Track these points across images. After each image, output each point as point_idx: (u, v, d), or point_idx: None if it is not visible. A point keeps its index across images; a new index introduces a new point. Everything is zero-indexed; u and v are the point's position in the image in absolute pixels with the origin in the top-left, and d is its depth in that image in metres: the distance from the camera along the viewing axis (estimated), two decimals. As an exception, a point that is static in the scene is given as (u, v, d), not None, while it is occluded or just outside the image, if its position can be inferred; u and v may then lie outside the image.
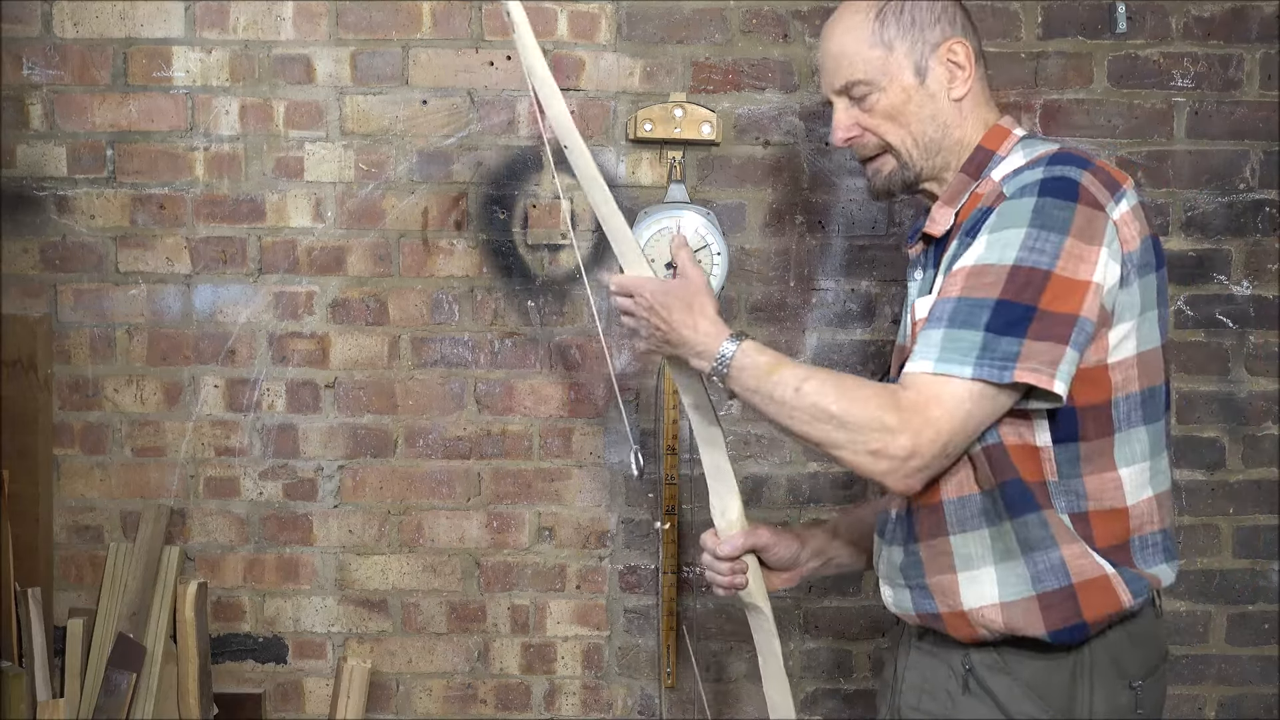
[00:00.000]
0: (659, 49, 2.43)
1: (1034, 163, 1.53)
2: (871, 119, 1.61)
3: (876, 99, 1.60)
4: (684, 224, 2.36)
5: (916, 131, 1.60)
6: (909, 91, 1.59)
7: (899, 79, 1.59)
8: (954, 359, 1.43)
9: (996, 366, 1.42)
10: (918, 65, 1.59)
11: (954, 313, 1.45)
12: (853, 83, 1.60)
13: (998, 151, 1.60)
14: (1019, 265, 1.44)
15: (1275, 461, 2.47)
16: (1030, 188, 1.48)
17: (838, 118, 1.64)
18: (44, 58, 2.44)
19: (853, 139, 1.63)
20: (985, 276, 1.45)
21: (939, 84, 1.59)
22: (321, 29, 2.44)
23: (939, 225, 1.61)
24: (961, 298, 1.46)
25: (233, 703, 2.50)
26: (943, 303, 1.48)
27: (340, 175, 2.46)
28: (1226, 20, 2.41)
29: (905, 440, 1.44)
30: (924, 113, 1.60)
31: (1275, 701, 2.50)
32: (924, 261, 1.67)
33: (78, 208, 2.47)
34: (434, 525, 2.52)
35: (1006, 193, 1.50)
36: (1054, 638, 1.51)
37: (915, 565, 1.59)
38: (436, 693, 2.54)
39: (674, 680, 2.50)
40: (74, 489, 2.51)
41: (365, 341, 2.49)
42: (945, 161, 1.62)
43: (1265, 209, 2.44)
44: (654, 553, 2.51)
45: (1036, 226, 1.45)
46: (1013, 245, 1.45)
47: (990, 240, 1.47)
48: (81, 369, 2.49)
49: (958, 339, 1.44)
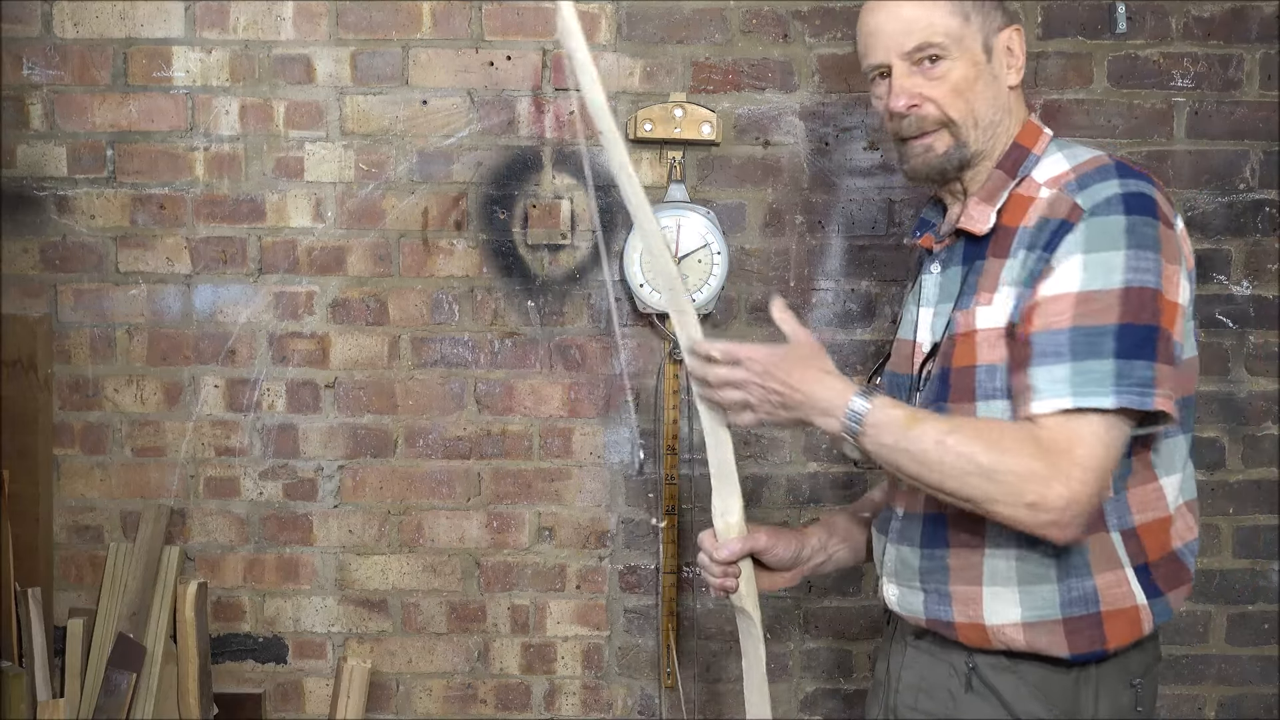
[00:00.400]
0: (659, 49, 2.43)
1: (1095, 172, 1.49)
2: (938, 89, 1.54)
3: (948, 68, 1.53)
4: (684, 224, 2.37)
5: (980, 110, 1.55)
6: (979, 67, 1.54)
7: (972, 51, 1.54)
8: (1092, 391, 1.39)
9: (1136, 393, 1.39)
10: (986, 43, 1.55)
11: (1073, 344, 1.41)
12: (929, 44, 1.53)
13: (1033, 150, 1.57)
14: (1130, 286, 1.40)
15: (1275, 461, 2.47)
16: (1113, 204, 1.44)
17: (899, 83, 1.55)
18: (44, 58, 2.44)
19: (914, 108, 1.55)
20: (1096, 303, 1.41)
21: (1000, 66, 1.56)
22: (321, 29, 2.44)
23: (979, 223, 1.55)
24: (1076, 328, 1.41)
25: (233, 703, 2.50)
26: (1051, 335, 1.42)
27: (340, 175, 2.46)
28: (1226, 20, 2.41)
29: (1060, 488, 1.38)
30: (988, 92, 1.55)
31: (1275, 701, 2.50)
32: (947, 257, 1.61)
33: (78, 208, 2.47)
34: (434, 525, 2.52)
35: (1083, 206, 1.45)
36: (1075, 659, 1.51)
37: (939, 571, 1.57)
38: (436, 693, 2.54)
39: (674, 680, 2.50)
40: (74, 489, 2.51)
41: (365, 341, 2.49)
42: (989, 149, 1.58)
43: (1265, 209, 2.44)
44: (654, 553, 2.51)
45: (1134, 246, 1.41)
46: (1117, 268, 1.41)
47: (1088, 262, 1.42)
48: (81, 369, 2.49)
49: (1088, 370, 1.40)
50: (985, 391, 1.50)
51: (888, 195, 2.44)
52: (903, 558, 1.62)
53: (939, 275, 1.62)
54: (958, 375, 1.53)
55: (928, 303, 1.63)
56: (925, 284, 1.64)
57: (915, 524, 1.60)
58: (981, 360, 1.50)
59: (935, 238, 1.65)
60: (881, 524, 1.69)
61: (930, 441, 1.42)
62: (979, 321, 1.51)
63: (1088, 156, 1.53)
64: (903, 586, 1.62)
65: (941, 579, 1.56)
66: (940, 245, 1.63)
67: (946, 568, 1.56)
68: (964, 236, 1.59)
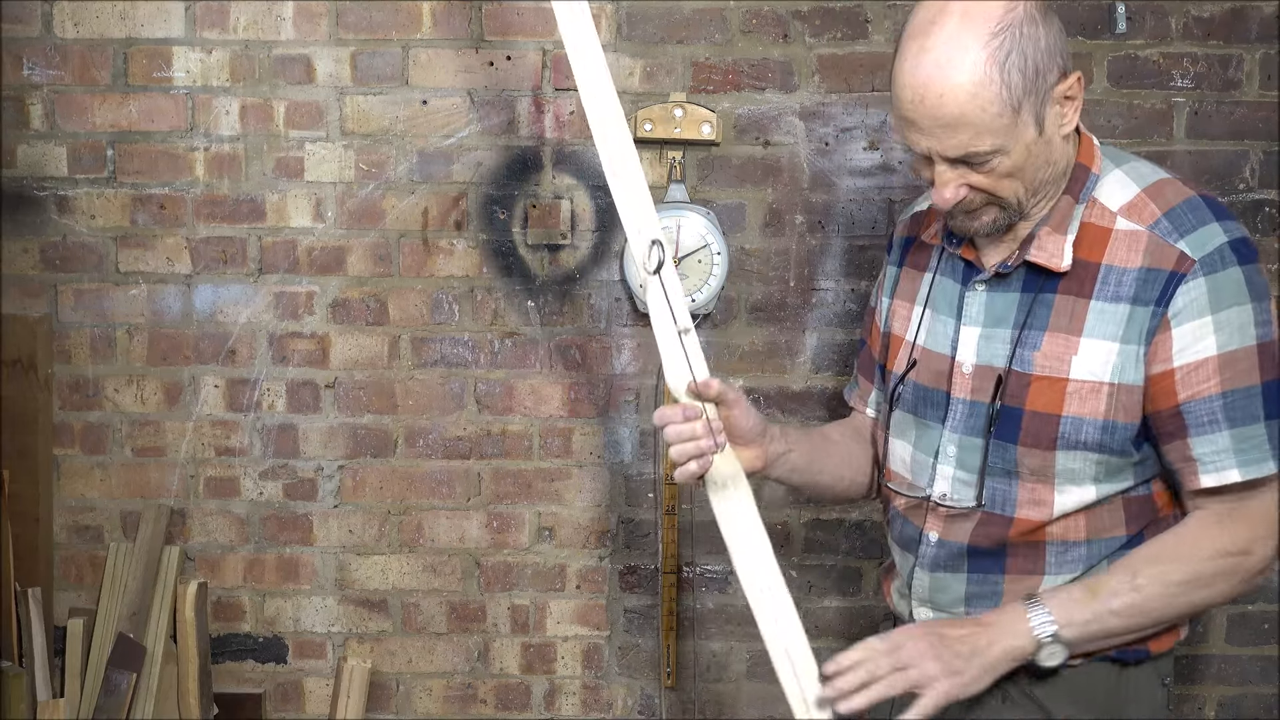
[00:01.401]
0: (659, 49, 2.43)
1: (1187, 212, 1.45)
2: (988, 179, 1.44)
3: (999, 162, 1.42)
4: (684, 224, 2.37)
5: (1029, 180, 1.46)
6: (1030, 147, 1.42)
7: (1023, 139, 1.41)
8: (1255, 459, 1.44)
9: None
10: (1038, 117, 1.41)
11: (1228, 411, 1.43)
12: (974, 154, 1.41)
13: (1092, 169, 1.51)
14: (1263, 342, 1.43)
15: (1275, 461, 2.47)
16: (1225, 256, 1.43)
17: (943, 179, 1.44)
18: (44, 58, 2.44)
19: (961, 201, 1.46)
20: (1239, 364, 1.43)
21: (1054, 126, 1.44)
22: (321, 29, 2.44)
23: (1055, 258, 1.48)
24: (1227, 392, 1.43)
25: (233, 703, 2.50)
26: (1204, 404, 1.44)
27: (340, 175, 2.46)
28: (1226, 20, 2.41)
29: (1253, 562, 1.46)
30: (1040, 161, 1.45)
31: (1275, 701, 2.50)
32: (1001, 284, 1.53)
33: (78, 208, 2.47)
34: (434, 525, 2.52)
35: (1193, 256, 1.43)
36: (1120, 655, 1.53)
37: (991, 596, 1.56)
38: (436, 693, 2.54)
39: (674, 680, 2.50)
40: (74, 489, 2.51)
41: (365, 341, 2.49)
42: (1049, 192, 1.49)
43: (1265, 209, 2.44)
44: (654, 553, 2.51)
45: (1256, 299, 1.44)
46: (1248, 324, 1.43)
47: (1218, 322, 1.43)
48: (81, 369, 2.49)
49: (1247, 436, 1.43)
50: (1068, 442, 1.48)
51: (888, 195, 2.44)
52: (942, 584, 1.59)
53: (986, 294, 1.54)
54: (1034, 420, 1.49)
55: (972, 322, 1.55)
56: (970, 301, 1.55)
57: (959, 553, 1.57)
58: (1069, 411, 1.47)
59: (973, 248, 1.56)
60: (907, 543, 1.64)
61: (1126, 597, 1.45)
62: (1073, 371, 1.47)
63: (1155, 179, 1.50)
64: (940, 612, 1.60)
65: (993, 604, 1.55)
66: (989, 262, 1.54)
67: (1000, 593, 1.55)
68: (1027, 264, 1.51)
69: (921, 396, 1.61)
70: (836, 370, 2.47)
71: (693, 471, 1.54)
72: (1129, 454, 1.49)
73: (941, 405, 1.58)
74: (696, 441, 1.54)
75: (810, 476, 1.73)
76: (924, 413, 1.60)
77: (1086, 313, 1.47)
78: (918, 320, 1.63)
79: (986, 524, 1.54)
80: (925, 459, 1.60)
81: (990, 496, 1.54)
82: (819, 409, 2.47)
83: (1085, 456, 1.48)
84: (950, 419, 1.56)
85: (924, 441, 1.61)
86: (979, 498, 1.54)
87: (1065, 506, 1.51)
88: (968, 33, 1.37)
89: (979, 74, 1.37)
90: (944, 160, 1.43)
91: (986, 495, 1.54)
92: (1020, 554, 1.54)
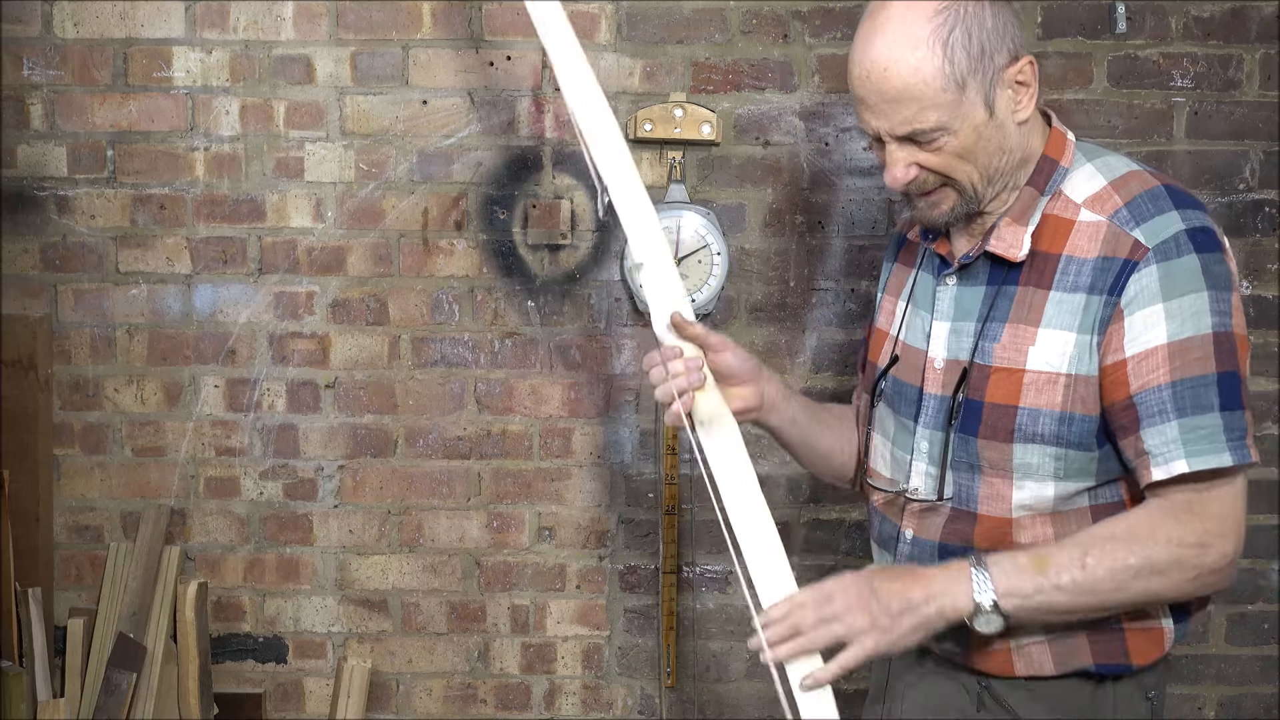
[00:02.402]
0: (659, 49, 2.43)
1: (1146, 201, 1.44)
2: (937, 159, 1.45)
3: (946, 141, 1.43)
4: (684, 224, 2.37)
5: (983, 165, 1.46)
6: (980, 129, 1.43)
7: (971, 118, 1.42)
8: (1206, 450, 1.39)
9: (1241, 446, 1.40)
10: (987, 98, 1.42)
11: (1177, 400, 1.39)
12: (919, 132, 1.43)
13: (1061, 162, 1.50)
14: (1217, 332, 1.39)
15: (1275, 461, 2.47)
16: (1181, 243, 1.40)
17: (893, 157, 1.46)
18: (44, 58, 2.44)
19: (911, 181, 1.47)
20: (1190, 353, 1.39)
21: (1006, 110, 1.45)
22: (321, 29, 2.44)
23: (1012, 248, 1.48)
24: (1176, 381, 1.39)
25: (233, 703, 2.50)
26: (1154, 393, 1.40)
27: (340, 175, 2.46)
28: (1226, 20, 2.41)
29: (1213, 554, 1.41)
30: (991, 145, 1.45)
31: (1275, 701, 2.50)
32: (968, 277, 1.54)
33: (78, 208, 2.47)
34: (434, 525, 2.52)
35: (1147, 244, 1.41)
36: (1100, 669, 1.50)
37: None
38: (436, 693, 2.54)
39: (674, 680, 2.50)
40: (74, 489, 2.51)
41: (365, 341, 2.49)
42: (1007, 182, 1.49)
43: (1265, 209, 2.44)
44: (654, 553, 2.51)
45: (1212, 288, 1.39)
46: (1203, 312, 1.39)
47: (1170, 310, 1.39)
48: (81, 369, 2.49)
49: (1196, 427, 1.39)
50: (1025, 435, 1.46)
51: (887, 195, 2.44)
52: None
53: (956, 288, 1.55)
54: (993, 412, 1.48)
55: (943, 316, 1.55)
56: (940, 296, 1.56)
57: (931, 551, 1.55)
58: (1026, 403, 1.46)
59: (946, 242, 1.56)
60: (885, 541, 1.64)
61: (1073, 574, 1.39)
62: (1030, 362, 1.46)
63: (1124, 171, 1.48)
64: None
65: None
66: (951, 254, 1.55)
67: None
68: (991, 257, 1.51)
69: (899, 392, 1.61)
70: (836, 370, 2.47)
71: (675, 411, 1.55)
72: (1089, 449, 1.45)
73: (915, 400, 1.57)
74: (676, 380, 1.55)
75: (809, 436, 1.73)
76: (900, 408, 1.60)
77: (1045, 303, 1.46)
78: (900, 316, 1.64)
79: (955, 520, 1.53)
80: (903, 455, 1.59)
81: (955, 491, 1.52)
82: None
83: (1043, 450, 1.46)
84: (923, 414, 1.56)
85: (901, 437, 1.60)
86: (940, 491, 1.52)
87: (1023, 502, 1.48)
88: (913, 12, 1.41)
89: (922, 49, 1.40)
90: (893, 139, 1.45)
91: (951, 490, 1.52)
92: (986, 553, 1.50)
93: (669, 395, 1.56)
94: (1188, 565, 1.40)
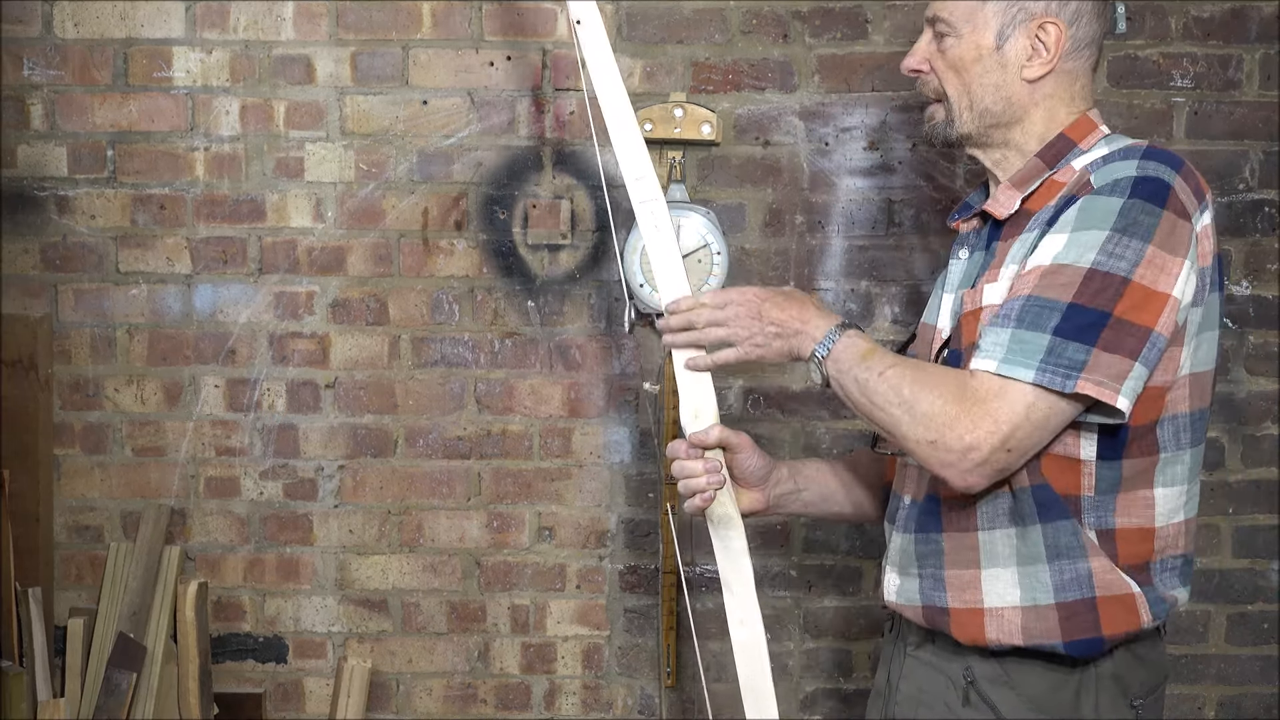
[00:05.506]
0: (659, 49, 2.43)
1: (1121, 153, 1.47)
2: (940, 62, 1.57)
3: (951, 44, 1.55)
4: (684, 224, 2.37)
5: (975, 93, 1.55)
6: (980, 51, 1.54)
7: (976, 35, 1.54)
8: (1018, 361, 1.39)
9: (1060, 374, 1.38)
10: (1002, 29, 1.53)
11: (1022, 312, 1.41)
12: (938, 18, 1.56)
13: (1079, 144, 1.54)
14: (1096, 269, 1.39)
15: (1275, 461, 2.47)
16: (1121, 186, 1.42)
17: (917, 45, 1.60)
18: (44, 58, 2.44)
19: (918, 73, 1.60)
20: (1060, 277, 1.40)
21: (1015, 56, 1.54)
22: (321, 29, 2.44)
23: (1003, 207, 1.56)
24: (1032, 296, 1.41)
25: (233, 703, 2.50)
26: (1014, 300, 1.43)
27: (340, 175, 2.46)
28: (1226, 20, 2.41)
29: (962, 431, 1.40)
30: (988, 79, 1.55)
31: (1275, 701, 2.50)
32: (974, 241, 1.61)
33: (78, 208, 2.47)
34: (434, 525, 2.52)
35: (1094, 184, 1.45)
36: (1069, 649, 1.48)
37: (935, 555, 1.55)
38: (436, 693, 2.54)
39: (674, 680, 2.50)
40: (74, 489, 2.51)
41: (365, 341, 2.49)
42: (1004, 139, 1.57)
43: (1265, 209, 2.44)
44: (654, 553, 2.51)
45: (1119, 230, 1.40)
46: (1092, 247, 1.40)
47: (1071, 239, 1.42)
48: (81, 369, 2.49)
49: (1024, 341, 1.40)
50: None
51: (888, 195, 2.44)
52: (902, 545, 1.60)
53: (964, 260, 1.62)
54: (968, 355, 1.50)
55: (950, 288, 1.62)
56: (952, 269, 1.63)
57: (914, 510, 1.59)
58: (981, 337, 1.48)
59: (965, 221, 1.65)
60: (892, 515, 1.66)
61: (875, 372, 1.47)
62: (985, 299, 1.52)
63: (1129, 142, 1.52)
64: (903, 574, 1.60)
65: (937, 563, 1.55)
66: (966, 227, 1.63)
67: (941, 551, 1.55)
68: (990, 221, 1.59)
69: None
70: (836, 370, 2.47)
71: (696, 505, 1.66)
72: None
73: None
74: (697, 479, 1.65)
75: (824, 510, 1.83)
76: None
77: (1011, 247, 1.52)
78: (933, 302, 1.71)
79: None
80: None
81: None
82: (819, 409, 2.48)
83: None
84: None
85: None
86: None
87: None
88: None
89: None
90: (928, 24, 1.59)
91: None
92: (954, 509, 1.53)
93: (689, 491, 1.66)
94: (933, 426, 1.42)
